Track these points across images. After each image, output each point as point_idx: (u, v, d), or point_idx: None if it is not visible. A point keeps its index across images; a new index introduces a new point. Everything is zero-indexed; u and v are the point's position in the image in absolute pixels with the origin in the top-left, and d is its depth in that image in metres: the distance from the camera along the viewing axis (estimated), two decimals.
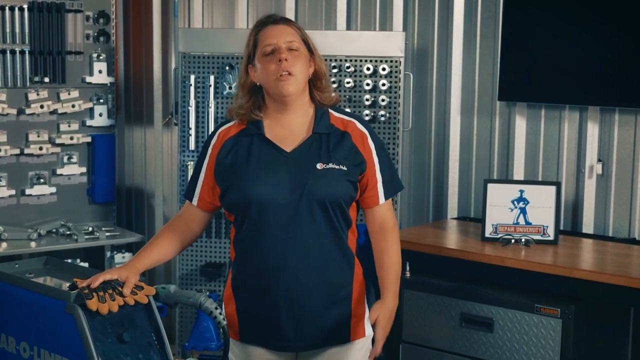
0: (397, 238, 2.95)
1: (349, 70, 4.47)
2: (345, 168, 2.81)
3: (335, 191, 2.78)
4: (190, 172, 4.55)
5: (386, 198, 2.90)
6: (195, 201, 2.93)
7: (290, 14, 5.09)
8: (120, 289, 2.58)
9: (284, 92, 2.79)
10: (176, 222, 2.95)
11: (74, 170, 5.31)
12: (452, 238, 4.34)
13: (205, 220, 2.96)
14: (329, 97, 2.92)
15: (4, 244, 4.85)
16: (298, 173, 2.79)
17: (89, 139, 5.33)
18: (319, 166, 2.80)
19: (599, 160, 4.28)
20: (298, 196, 2.76)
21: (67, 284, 2.59)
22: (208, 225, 3.10)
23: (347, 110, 4.40)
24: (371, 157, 2.87)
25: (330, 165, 2.80)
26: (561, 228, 4.25)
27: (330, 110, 2.92)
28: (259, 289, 2.82)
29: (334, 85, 4.46)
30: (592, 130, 4.28)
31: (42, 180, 5.21)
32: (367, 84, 4.46)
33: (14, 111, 5.05)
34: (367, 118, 4.42)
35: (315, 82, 2.89)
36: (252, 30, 2.89)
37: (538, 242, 4.06)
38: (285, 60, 2.77)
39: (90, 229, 5.14)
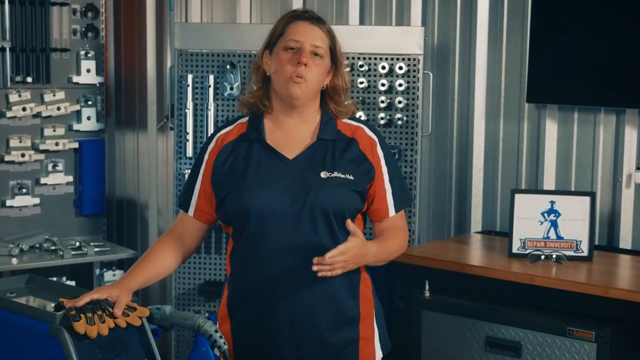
0: (405, 238, 2.96)
1: (362, 69, 4.49)
2: (351, 177, 2.84)
3: (340, 202, 2.81)
4: None
5: (397, 210, 2.93)
6: (191, 212, 2.95)
7: (297, 6, 5.11)
8: (110, 309, 2.59)
9: (292, 94, 2.83)
10: (169, 236, 2.97)
11: (59, 179, 5.33)
12: (475, 254, 4.35)
13: (202, 233, 2.99)
14: (346, 112, 2.96)
15: None
16: (300, 182, 2.82)
17: (76, 145, 5.35)
18: (323, 175, 2.83)
19: (638, 168, 4.29)
20: (300, 207, 2.79)
21: (52, 305, 2.61)
22: (204, 240, 3.11)
23: (361, 112, 4.43)
24: (379, 166, 2.91)
25: (335, 174, 2.83)
26: (596, 243, 4.25)
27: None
28: (257, 307, 2.84)
29: None
30: (630, 135, 4.29)
31: (24, 190, 5.23)
32: (383, 85, 4.48)
33: None
34: (382, 122, 4.44)
35: (332, 95, 2.94)
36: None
37: (570, 258, 4.06)
38: (305, 65, 2.81)
39: (78, 244, 5.16)
